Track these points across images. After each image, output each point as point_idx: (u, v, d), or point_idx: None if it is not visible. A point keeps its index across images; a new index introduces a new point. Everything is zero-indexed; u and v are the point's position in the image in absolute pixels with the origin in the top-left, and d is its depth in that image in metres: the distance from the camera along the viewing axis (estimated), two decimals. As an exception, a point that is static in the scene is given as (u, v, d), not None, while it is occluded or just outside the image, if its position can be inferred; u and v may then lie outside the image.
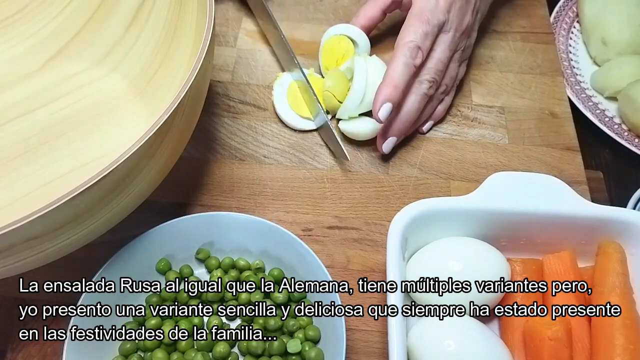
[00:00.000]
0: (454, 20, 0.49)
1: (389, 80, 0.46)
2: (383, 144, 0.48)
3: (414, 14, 0.48)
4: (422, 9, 0.48)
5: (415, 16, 0.48)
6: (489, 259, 0.38)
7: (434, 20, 0.47)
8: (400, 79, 0.46)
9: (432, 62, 0.49)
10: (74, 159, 0.45)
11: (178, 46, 0.46)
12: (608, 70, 0.56)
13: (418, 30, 0.47)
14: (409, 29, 0.48)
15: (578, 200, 0.39)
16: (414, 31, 0.47)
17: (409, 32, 0.47)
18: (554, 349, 0.35)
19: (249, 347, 0.37)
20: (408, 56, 0.47)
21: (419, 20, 0.47)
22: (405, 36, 0.48)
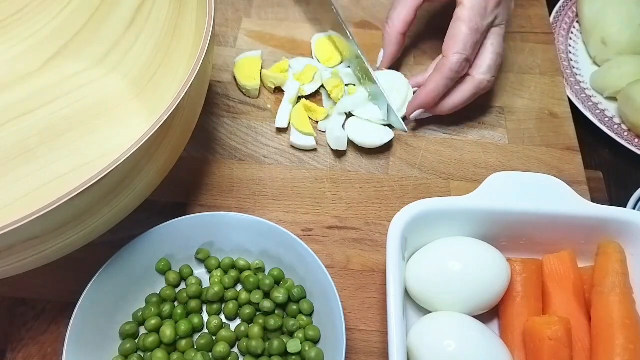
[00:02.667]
0: (504, 13, 0.47)
1: (430, 90, 0.47)
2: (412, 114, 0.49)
3: (463, 20, 0.46)
4: (472, 15, 0.45)
5: (465, 22, 0.45)
6: (489, 259, 0.38)
7: (483, 25, 0.46)
8: (440, 91, 0.47)
9: (491, 59, 0.47)
10: (74, 159, 0.45)
11: (178, 46, 0.46)
12: (608, 70, 0.56)
13: (468, 40, 0.45)
14: (457, 38, 0.46)
15: (578, 200, 0.39)
16: (463, 41, 0.45)
17: (458, 41, 0.45)
18: (554, 349, 0.35)
19: (249, 347, 0.37)
20: (454, 71, 0.46)
21: (469, 27, 0.45)
22: (453, 45, 0.46)
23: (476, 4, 0.46)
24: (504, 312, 0.39)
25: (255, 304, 0.40)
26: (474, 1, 0.46)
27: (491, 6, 0.46)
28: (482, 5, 0.46)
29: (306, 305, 0.39)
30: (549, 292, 0.39)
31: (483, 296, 0.38)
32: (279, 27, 0.59)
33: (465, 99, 0.48)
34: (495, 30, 0.48)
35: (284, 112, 0.51)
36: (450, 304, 0.38)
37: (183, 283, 0.42)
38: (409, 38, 0.55)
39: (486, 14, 0.46)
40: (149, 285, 0.41)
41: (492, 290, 0.38)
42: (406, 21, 0.50)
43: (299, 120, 0.50)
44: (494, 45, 0.48)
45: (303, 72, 0.53)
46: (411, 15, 0.50)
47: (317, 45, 0.56)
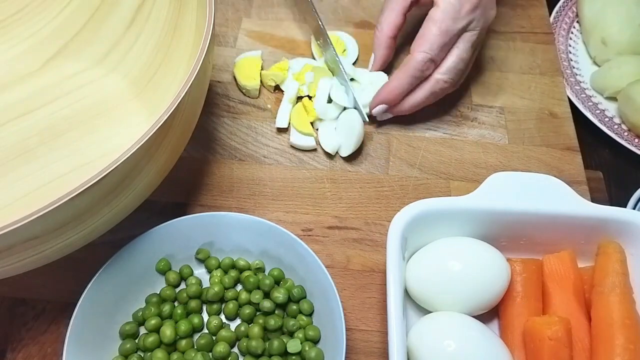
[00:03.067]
0: (479, 19, 0.47)
1: (392, 88, 0.47)
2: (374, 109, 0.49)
3: (434, 20, 0.45)
4: (444, 16, 0.45)
5: (435, 23, 0.45)
6: (489, 259, 0.38)
7: (454, 29, 0.45)
8: (403, 88, 0.47)
9: (453, 61, 0.47)
10: (74, 159, 0.45)
11: (178, 46, 0.46)
12: (608, 70, 0.56)
13: (435, 41, 0.45)
14: (425, 38, 0.45)
15: (578, 200, 0.39)
16: (430, 40, 0.45)
17: (425, 41, 0.45)
18: (554, 349, 0.35)
19: (249, 347, 0.37)
20: (418, 69, 0.46)
21: (439, 29, 0.45)
22: (419, 45, 0.46)
23: (449, 7, 0.45)
24: (504, 312, 0.39)
25: (255, 304, 0.40)
26: (447, 3, 0.45)
27: (465, 10, 0.45)
28: (455, 8, 0.45)
29: (306, 305, 0.39)
30: (549, 292, 0.39)
31: (483, 296, 0.38)
32: (279, 27, 0.59)
33: (422, 98, 0.48)
34: (466, 35, 0.47)
35: (284, 112, 0.51)
36: (450, 304, 0.38)
37: (183, 283, 0.42)
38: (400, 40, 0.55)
39: (459, 17, 0.45)
40: (149, 285, 0.41)
41: (492, 290, 0.38)
42: (395, 25, 0.50)
43: (299, 120, 0.50)
44: (460, 49, 0.47)
45: (302, 71, 0.53)
46: (400, 19, 0.50)
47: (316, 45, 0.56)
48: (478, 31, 0.47)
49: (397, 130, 0.52)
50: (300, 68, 0.54)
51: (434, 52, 0.45)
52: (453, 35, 0.46)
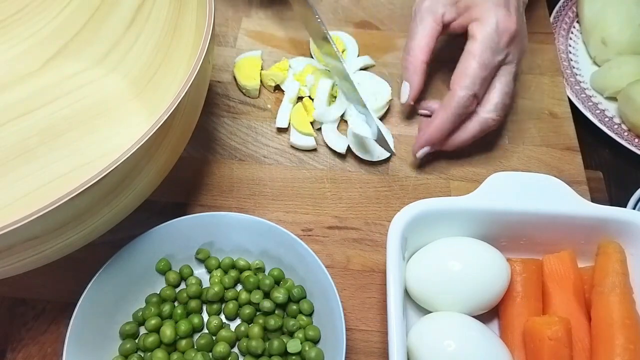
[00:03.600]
0: (516, 51, 0.46)
1: (437, 127, 0.45)
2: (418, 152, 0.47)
3: (474, 54, 0.44)
4: (483, 50, 0.44)
5: (475, 57, 0.44)
6: (489, 259, 0.38)
7: (493, 62, 0.44)
8: (448, 127, 0.46)
9: (498, 97, 0.46)
10: (74, 159, 0.45)
11: (178, 46, 0.46)
12: (608, 70, 0.56)
13: (477, 76, 0.44)
14: (466, 72, 0.44)
15: (578, 200, 0.39)
16: (472, 76, 0.44)
17: (466, 76, 0.44)
18: (554, 349, 0.35)
19: (249, 347, 0.37)
20: (462, 106, 0.44)
21: (478, 63, 0.44)
22: (461, 80, 0.44)
23: (488, 39, 0.44)
24: (504, 312, 0.39)
25: (255, 304, 0.40)
26: (485, 36, 0.44)
27: (504, 42, 0.44)
28: (494, 40, 0.44)
29: (306, 305, 0.39)
30: (549, 292, 0.39)
31: (483, 296, 0.38)
32: (279, 27, 0.59)
33: (470, 137, 0.47)
34: (506, 67, 0.46)
35: (284, 112, 0.51)
36: (450, 304, 0.38)
37: (183, 283, 0.42)
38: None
39: (498, 49, 0.44)
40: (149, 285, 0.41)
41: (492, 290, 0.38)
42: (429, 49, 0.47)
43: (299, 120, 0.50)
44: (503, 83, 0.46)
45: (303, 72, 0.53)
46: (433, 44, 0.47)
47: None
48: (516, 63, 0.46)
49: (397, 130, 0.51)
50: (302, 68, 0.54)
51: (476, 87, 0.44)
52: (492, 68, 0.45)
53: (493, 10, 0.44)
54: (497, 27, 0.44)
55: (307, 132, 0.50)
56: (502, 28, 0.44)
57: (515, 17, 0.45)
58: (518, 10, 0.46)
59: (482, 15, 0.45)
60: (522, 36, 0.46)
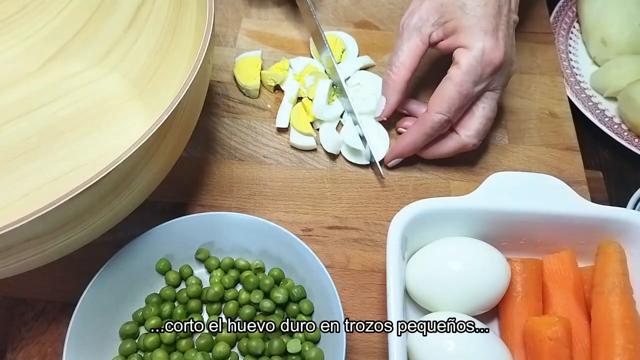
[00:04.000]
0: (501, 80, 0.45)
1: (407, 144, 0.47)
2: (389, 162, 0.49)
3: (454, 82, 0.43)
4: (464, 80, 0.43)
5: (456, 86, 0.43)
6: (489, 259, 0.38)
7: (473, 92, 0.44)
8: (417, 145, 0.47)
9: (480, 124, 0.46)
10: (74, 159, 0.45)
11: (178, 46, 0.46)
12: (608, 70, 0.56)
13: (454, 104, 0.44)
14: (444, 98, 0.44)
15: (578, 200, 0.39)
16: (448, 102, 0.44)
17: (443, 102, 0.44)
18: (554, 349, 0.35)
19: (249, 347, 0.37)
20: (434, 129, 0.45)
21: (458, 92, 0.43)
22: (437, 105, 0.44)
23: (471, 70, 0.43)
24: (504, 312, 0.39)
25: (255, 304, 0.40)
26: (470, 66, 0.43)
27: (487, 73, 0.44)
28: (477, 71, 0.43)
29: (306, 305, 0.39)
30: (549, 292, 0.39)
31: (483, 296, 0.38)
32: (279, 27, 0.59)
33: (446, 153, 0.48)
34: (490, 94, 0.46)
35: (284, 112, 0.51)
36: (450, 304, 0.38)
37: (183, 283, 0.42)
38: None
39: (480, 80, 0.44)
40: (149, 285, 0.41)
41: (492, 290, 0.38)
42: (412, 68, 0.47)
43: (299, 120, 0.50)
44: (486, 109, 0.46)
45: (303, 72, 0.53)
46: (416, 63, 0.47)
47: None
48: (500, 90, 0.46)
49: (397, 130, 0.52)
50: (302, 68, 0.54)
51: (451, 113, 0.44)
52: (471, 98, 0.45)
53: (480, 38, 0.43)
54: (482, 58, 0.43)
55: (307, 132, 0.50)
56: (487, 59, 0.43)
57: (503, 46, 0.43)
58: (507, 34, 0.44)
59: (468, 42, 0.43)
60: (509, 63, 0.45)
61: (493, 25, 0.43)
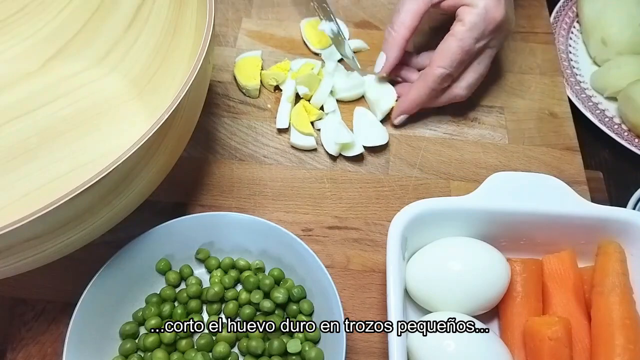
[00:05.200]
0: (499, 38, 0.47)
1: (412, 99, 0.49)
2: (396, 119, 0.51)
3: (457, 38, 0.46)
4: (467, 35, 0.45)
5: (458, 41, 0.45)
6: (489, 259, 0.38)
7: (475, 48, 0.46)
8: (422, 100, 0.49)
9: (473, 77, 0.48)
10: (74, 159, 0.45)
11: (178, 46, 0.46)
12: (608, 70, 0.56)
13: (456, 58, 0.46)
14: (446, 53, 0.46)
15: (578, 200, 0.39)
16: (450, 57, 0.46)
17: (445, 56, 0.46)
18: (554, 349, 0.35)
19: (249, 347, 0.37)
20: (437, 83, 0.47)
21: (460, 47, 0.45)
22: (440, 60, 0.46)
23: (474, 26, 0.45)
24: (504, 312, 0.39)
25: (255, 304, 0.40)
26: (473, 22, 0.45)
27: (489, 30, 0.46)
28: (479, 28, 0.45)
29: (306, 305, 0.39)
30: (549, 292, 0.39)
31: (483, 296, 0.38)
32: (279, 27, 0.59)
33: (437, 104, 0.50)
34: (487, 52, 0.48)
35: (284, 112, 0.51)
36: (450, 304, 0.38)
37: (183, 283, 0.42)
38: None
39: (481, 37, 0.46)
40: (149, 285, 0.41)
41: (492, 290, 0.38)
42: (412, 27, 0.48)
43: (299, 120, 0.50)
44: (480, 65, 0.48)
45: (300, 69, 0.53)
46: (417, 22, 0.48)
47: (306, 28, 0.57)
48: (497, 47, 0.48)
49: (397, 130, 0.52)
50: (299, 67, 0.54)
51: (453, 68, 0.46)
52: (473, 53, 0.47)
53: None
54: (485, 15, 0.45)
55: (307, 132, 0.50)
56: (490, 17, 0.45)
57: (504, 4, 0.46)
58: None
59: (472, 0, 0.45)
60: (509, 22, 0.47)
61: None
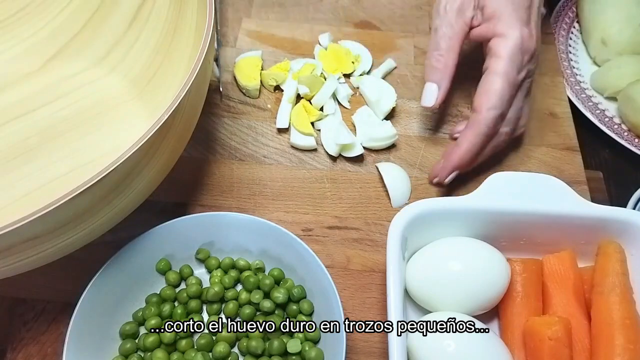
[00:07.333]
0: (533, 69, 0.45)
1: (465, 152, 0.44)
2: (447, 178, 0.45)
3: (499, 73, 0.43)
4: (509, 69, 0.43)
5: (501, 76, 0.43)
6: (489, 259, 0.38)
7: (518, 80, 0.43)
8: (477, 149, 0.44)
9: (513, 112, 0.45)
10: (73, 159, 0.45)
11: (178, 46, 0.46)
12: (608, 70, 0.56)
13: (504, 95, 0.43)
14: (494, 91, 0.43)
15: (578, 200, 0.39)
16: (500, 95, 0.42)
17: (493, 96, 0.43)
18: (554, 349, 0.35)
19: (249, 347, 0.37)
20: (490, 127, 0.43)
21: (506, 82, 0.42)
22: (487, 101, 0.43)
23: (514, 57, 0.43)
24: (504, 312, 0.39)
25: (255, 304, 0.40)
26: (511, 54, 0.43)
27: (526, 59, 0.43)
28: (518, 59, 0.43)
29: (306, 305, 0.39)
30: (549, 292, 0.39)
31: (483, 296, 0.38)
32: (279, 27, 0.59)
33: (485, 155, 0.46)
34: (524, 83, 0.45)
35: (284, 112, 0.51)
36: (450, 304, 0.38)
37: (183, 283, 0.42)
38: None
39: (522, 67, 0.43)
40: (149, 285, 0.41)
41: (492, 290, 0.38)
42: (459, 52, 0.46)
43: (299, 120, 0.50)
44: (519, 99, 0.45)
45: (301, 70, 0.53)
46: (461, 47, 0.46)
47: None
48: (532, 78, 0.46)
49: (399, 130, 0.51)
50: (300, 67, 0.54)
51: (504, 107, 0.43)
52: (516, 86, 0.44)
53: (518, 27, 0.43)
54: (521, 46, 0.43)
55: (307, 132, 0.50)
56: (525, 47, 0.43)
57: (536, 35, 0.44)
58: (537, 26, 0.45)
59: (506, 31, 0.43)
60: (540, 52, 0.46)
61: (527, 16, 0.44)
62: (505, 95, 0.43)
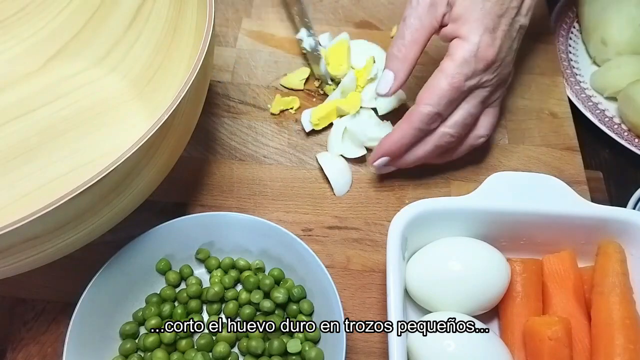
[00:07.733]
0: (492, 79, 0.44)
1: (395, 140, 0.44)
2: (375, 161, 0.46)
3: (446, 74, 0.42)
4: (457, 72, 0.42)
5: (447, 78, 0.42)
6: (489, 259, 0.38)
7: (465, 86, 0.42)
8: (407, 141, 0.44)
9: (461, 116, 0.44)
10: (73, 159, 0.45)
11: (178, 46, 0.46)
12: (608, 70, 0.56)
13: (444, 96, 0.42)
14: (434, 91, 0.42)
15: (578, 200, 0.39)
16: (438, 95, 0.42)
17: (433, 94, 0.42)
18: (554, 349, 0.35)
19: (249, 347, 0.37)
20: (424, 122, 0.43)
21: (450, 84, 0.42)
22: (427, 97, 0.42)
23: (464, 63, 0.42)
24: (504, 312, 0.39)
25: (255, 304, 0.40)
26: (462, 58, 0.42)
27: (480, 68, 0.42)
28: (470, 65, 0.42)
29: (306, 305, 0.39)
30: (549, 292, 0.39)
31: (483, 296, 0.38)
32: (279, 27, 0.59)
33: (426, 152, 0.45)
34: (478, 91, 0.44)
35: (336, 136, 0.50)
36: (450, 304, 0.38)
37: (183, 283, 0.42)
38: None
39: (472, 75, 0.42)
40: (149, 285, 0.41)
41: (492, 290, 0.38)
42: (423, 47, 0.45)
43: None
44: (469, 104, 0.44)
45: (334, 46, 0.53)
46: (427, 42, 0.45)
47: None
48: (489, 88, 0.44)
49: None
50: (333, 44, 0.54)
51: (441, 107, 0.43)
52: (462, 92, 0.43)
53: (479, 33, 0.42)
54: (476, 53, 0.42)
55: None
56: (481, 55, 0.42)
57: (498, 45, 0.43)
58: (507, 36, 0.43)
59: (467, 34, 0.42)
60: (503, 65, 0.44)
61: (495, 24, 0.43)
62: (445, 97, 0.42)
